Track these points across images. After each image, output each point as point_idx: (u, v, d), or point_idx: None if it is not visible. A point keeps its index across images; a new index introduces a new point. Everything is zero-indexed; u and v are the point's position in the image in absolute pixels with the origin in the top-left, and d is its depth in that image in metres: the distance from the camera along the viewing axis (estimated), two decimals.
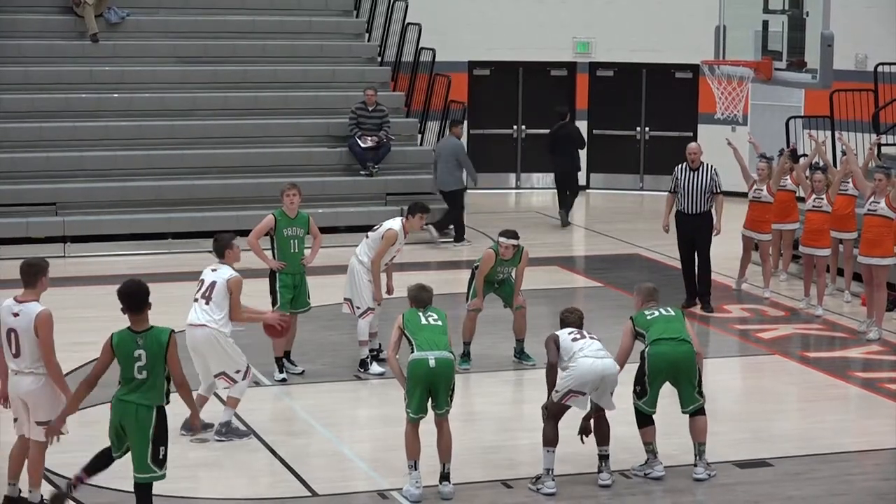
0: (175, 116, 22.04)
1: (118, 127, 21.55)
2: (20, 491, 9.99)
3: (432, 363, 10.51)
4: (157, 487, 9.31)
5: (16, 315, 9.66)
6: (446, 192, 21.42)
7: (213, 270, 11.83)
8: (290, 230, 13.58)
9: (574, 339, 10.91)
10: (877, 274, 15.67)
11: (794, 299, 17.51)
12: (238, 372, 11.77)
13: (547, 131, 23.73)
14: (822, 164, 17.77)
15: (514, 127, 26.91)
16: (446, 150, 21.50)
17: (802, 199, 17.62)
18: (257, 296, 13.48)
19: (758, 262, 18.04)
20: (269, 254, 13.61)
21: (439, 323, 10.81)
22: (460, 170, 21.47)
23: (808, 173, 17.62)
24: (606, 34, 26.27)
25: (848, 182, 16.78)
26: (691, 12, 23.99)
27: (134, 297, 9.15)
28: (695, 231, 16.83)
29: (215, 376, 11.78)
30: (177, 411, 11.54)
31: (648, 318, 11.22)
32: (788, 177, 17.98)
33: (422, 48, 23.66)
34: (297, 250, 13.60)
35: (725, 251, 18.43)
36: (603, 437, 11.02)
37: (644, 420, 11.15)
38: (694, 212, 16.74)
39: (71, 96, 21.78)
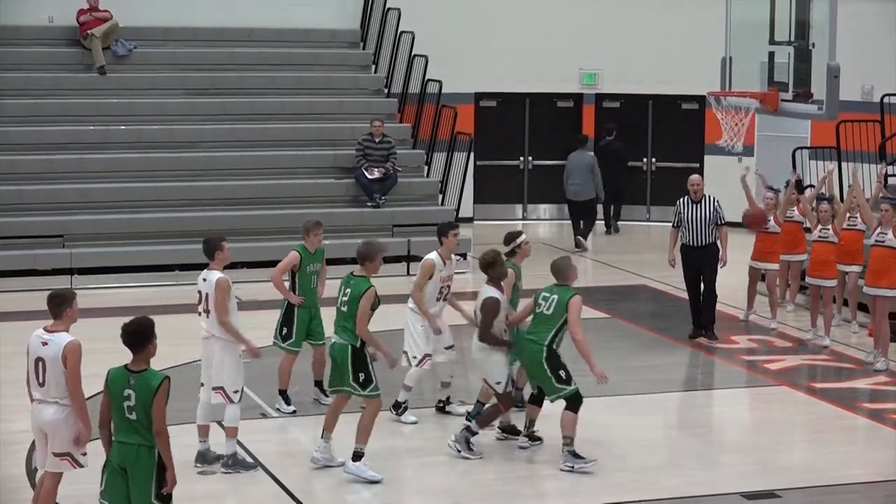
0: (183, 148, 22.10)
1: (126, 159, 21.60)
2: None
3: (328, 350, 11.70)
4: None
5: (45, 344, 9.67)
6: (583, 200, 23.63)
7: (204, 280, 11.88)
8: (312, 266, 13.54)
9: None
10: (880, 304, 15.66)
11: (802, 330, 17.50)
12: (236, 392, 11.79)
13: (555, 162, 23.92)
14: (827, 194, 17.77)
15: (521, 158, 26.98)
16: (582, 163, 23.49)
17: (809, 230, 17.63)
18: (270, 327, 13.51)
19: (765, 293, 18.02)
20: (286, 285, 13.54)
21: (344, 310, 11.46)
22: (594, 181, 23.61)
23: (814, 204, 17.62)
24: (613, 66, 26.36)
25: (856, 217, 16.78)
26: (697, 44, 24.02)
27: (133, 335, 8.99)
28: (701, 262, 16.80)
29: (213, 389, 11.82)
30: (186, 442, 11.52)
31: (536, 310, 11.96)
32: (795, 208, 17.98)
33: (428, 80, 23.72)
34: (314, 285, 13.58)
35: (732, 282, 18.42)
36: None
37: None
38: (699, 244, 16.72)
39: (78, 128, 21.85)
